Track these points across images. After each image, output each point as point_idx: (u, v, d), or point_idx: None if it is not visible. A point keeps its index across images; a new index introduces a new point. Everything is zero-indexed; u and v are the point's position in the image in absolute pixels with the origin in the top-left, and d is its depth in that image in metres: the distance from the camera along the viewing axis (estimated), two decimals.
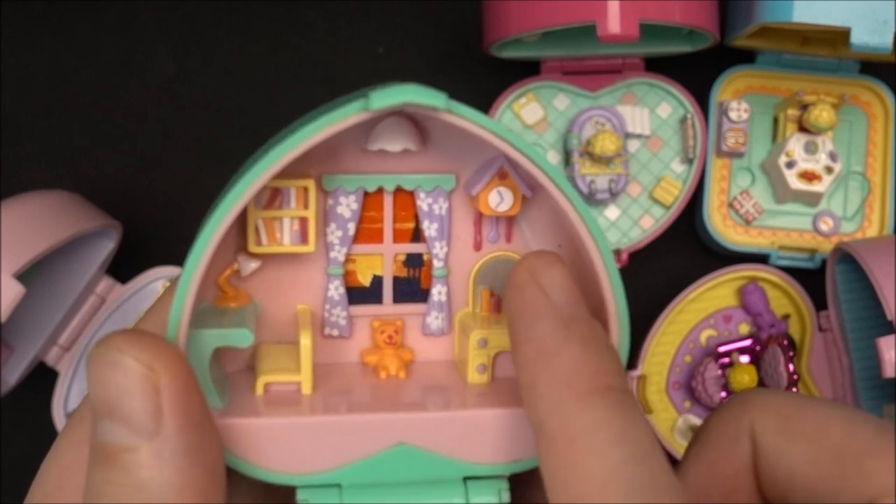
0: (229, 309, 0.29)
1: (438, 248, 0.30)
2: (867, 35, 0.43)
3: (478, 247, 0.31)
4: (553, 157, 0.50)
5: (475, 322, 0.30)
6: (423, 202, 0.30)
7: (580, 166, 0.48)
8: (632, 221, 0.50)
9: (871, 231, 0.51)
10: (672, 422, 0.50)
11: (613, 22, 0.43)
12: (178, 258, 0.47)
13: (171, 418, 0.23)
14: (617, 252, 0.50)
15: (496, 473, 0.27)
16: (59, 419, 0.49)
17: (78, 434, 0.26)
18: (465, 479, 0.27)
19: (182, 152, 0.52)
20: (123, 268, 0.50)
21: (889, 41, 0.43)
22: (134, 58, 0.52)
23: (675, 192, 0.50)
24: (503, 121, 0.50)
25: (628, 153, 0.50)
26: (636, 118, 0.50)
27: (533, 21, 0.44)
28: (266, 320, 0.30)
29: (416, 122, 0.28)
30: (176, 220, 0.52)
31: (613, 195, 0.49)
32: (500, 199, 0.29)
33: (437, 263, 0.30)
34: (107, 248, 0.48)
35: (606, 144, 0.47)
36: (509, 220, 0.31)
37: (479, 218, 0.30)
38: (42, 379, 0.49)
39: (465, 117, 0.26)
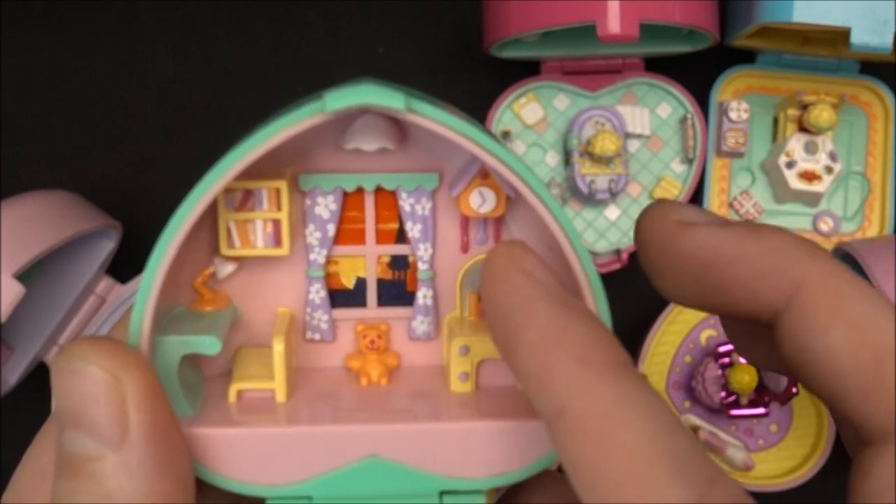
0: (205, 313, 0.28)
1: (423, 250, 0.29)
2: (867, 35, 0.43)
3: (465, 248, 0.30)
4: (553, 157, 0.50)
5: (462, 327, 0.29)
6: (405, 202, 0.29)
7: (580, 166, 0.48)
8: (632, 221, 0.50)
9: (871, 231, 0.51)
10: None
11: (613, 22, 0.42)
12: None
13: (137, 427, 0.23)
14: (617, 252, 0.50)
15: (475, 488, 0.26)
16: None
17: (52, 439, 0.25)
18: (442, 493, 0.26)
19: (182, 152, 0.52)
20: (123, 268, 0.50)
21: (889, 41, 0.43)
22: (134, 58, 0.52)
23: (675, 192, 0.50)
24: (503, 121, 0.50)
25: (628, 153, 0.50)
26: (636, 118, 0.50)
27: (533, 21, 0.44)
28: (246, 323, 0.29)
29: (394, 119, 0.27)
30: None
31: (613, 195, 0.49)
32: (482, 200, 0.28)
33: (421, 266, 0.30)
34: (107, 248, 0.48)
35: (606, 144, 0.47)
36: (497, 221, 0.30)
37: (465, 219, 0.30)
38: (42, 379, 0.49)
39: (428, 117, 0.25)
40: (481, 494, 0.26)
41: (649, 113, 0.50)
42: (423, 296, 0.30)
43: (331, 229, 0.29)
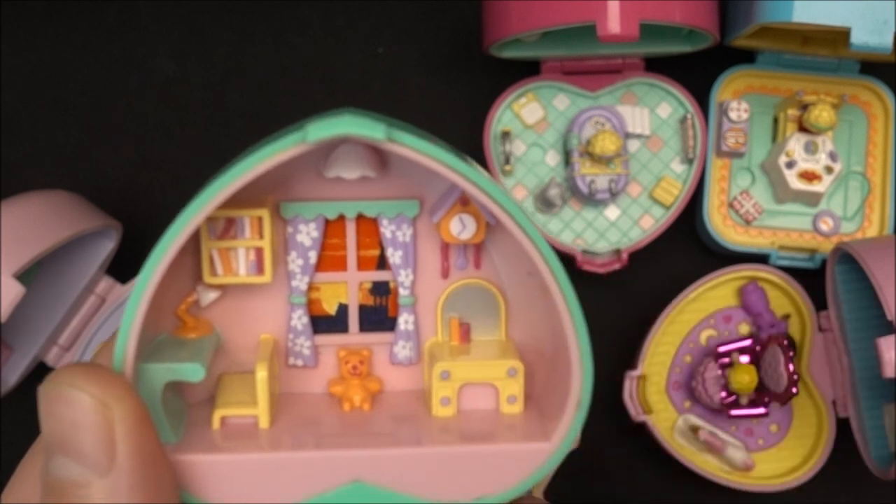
0: (188, 340, 0.28)
1: (404, 276, 0.30)
2: (867, 35, 0.43)
3: (445, 274, 0.30)
4: (553, 157, 0.50)
5: (443, 352, 0.29)
6: (386, 229, 0.29)
7: (580, 166, 0.48)
8: (632, 221, 0.50)
9: (871, 231, 0.51)
10: (672, 422, 0.50)
11: (613, 22, 0.42)
12: None
13: (124, 454, 0.23)
14: (617, 252, 0.50)
15: None
16: None
17: (38, 465, 0.25)
18: None
19: (182, 152, 0.52)
20: (123, 268, 0.50)
21: (889, 41, 0.43)
22: (134, 58, 0.52)
23: (675, 192, 0.50)
24: (503, 121, 0.50)
25: (628, 153, 0.50)
26: (636, 118, 0.50)
27: (533, 21, 0.44)
28: (229, 350, 0.29)
29: (374, 148, 0.27)
30: None
31: (613, 195, 0.49)
32: (462, 227, 0.29)
33: (402, 292, 0.30)
34: (107, 248, 0.48)
35: (606, 144, 0.47)
36: (477, 247, 0.30)
37: (445, 245, 0.30)
38: (42, 379, 0.49)
39: (408, 147, 0.25)
40: None
41: (649, 113, 0.50)
42: (404, 321, 0.30)
43: (312, 256, 0.29)
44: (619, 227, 0.50)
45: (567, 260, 0.47)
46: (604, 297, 0.52)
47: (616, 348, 0.52)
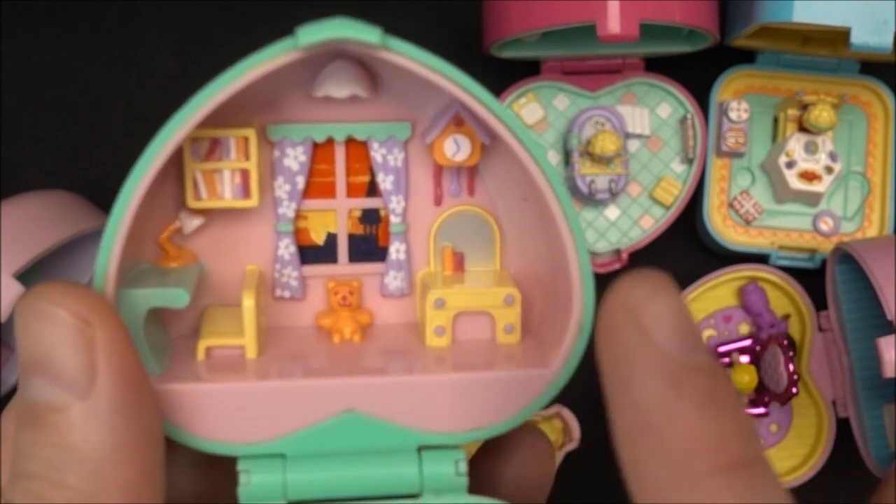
0: (170, 269, 0.27)
1: (395, 203, 0.28)
2: (867, 35, 0.43)
3: (438, 201, 0.29)
4: (553, 158, 0.50)
5: (436, 282, 0.28)
6: (376, 153, 0.28)
7: (580, 166, 0.48)
8: (632, 221, 0.50)
9: (871, 231, 0.51)
10: None
11: (613, 22, 0.42)
12: None
13: (106, 375, 0.21)
14: (617, 252, 0.50)
15: (453, 443, 0.25)
16: None
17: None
18: (420, 448, 0.25)
19: None
20: None
21: (889, 41, 0.43)
22: (134, 58, 0.52)
23: (675, 192, 0.50)
24: None
25: (628, 153, 0.50)
26: (636, 118, 0.50)
27: (533, 21, 0.44)
28: (213, 282, 0.28)
29: (365, 67, 0.26)
30: None
31: (613, 195, 0.49)
32: (456, 148, 0.27)
33: (394, 219, 0.28)
34: None
35: (606, 144, 0.47)
36: (471, 172, 0.28)
37: (438, 170, 0.28)
38: None
39: (404, 55, 0.24)
40: (460, 450, 0.25)
41: (649, 113, 0.50)
42: (395, 250, 0.29)
43: (300, 182, 0.28)
44: (619, 227, 0.50)
45: None
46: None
47: None
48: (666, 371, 0.19)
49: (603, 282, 0.26)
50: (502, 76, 0.50)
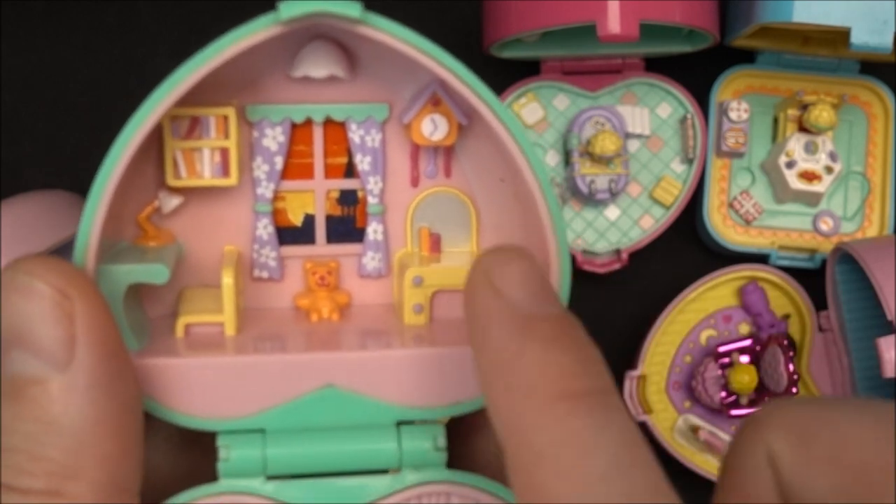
0: (149, 248, 0.27)
1: (373, 184, 0.28)
2: (867, 35, 0.43)
3: (415, 182, 0.29)
4: (553, 157, 0.50)
5: (413, 262, 0.28)
6: (354, 134, 0.28)
7: (580, 166, 0.48)
8: (632, 221, 0.50)
9: (871, 231, 0.51)
10: (672, 422, 0.50)
11: (613, 22, 0.42)
12: None
13: (85, 348, 0.22)
14: (617, 252, 0.50)
15: (432, 418, 0.26)
16: None
17: None
18: (399, 423, 0.26)
19: None
20: None
21: (889, 41, 0.43)
22: (134, 58, 0.52)
23: (675, 192, 0.50)
24: None
25: (628, 153, 0.50)
26: (636, 118, 0.50)
27: (533, 21, 0.44)
28: (191, 263, 0.28)
29: (343, 47, 0.26)
30: None
31: (613, 195, 0.49)
32: (433, 127, 0.27)
33: (371, 200, 0.29)
34: None
35: (606, 144, 0.47)
36: (447, 153, 0.29)
37: (415, 151, 0.29)
38: None
39: (383, 31, 0.24)
40: (439, 425, 0.26)
41: (649, 113, 0.50)
42: (373, 231, 0.29)
43: (278, 162, 0.28)
44: (619, 227, 0.50)
45: None
46: (604, 298, 0.52)
47: (616, 348, 0.52)
48: (514, 319, 0.21)
49: (603, 282, 0.26)
50: (502, 76, 0.50)
